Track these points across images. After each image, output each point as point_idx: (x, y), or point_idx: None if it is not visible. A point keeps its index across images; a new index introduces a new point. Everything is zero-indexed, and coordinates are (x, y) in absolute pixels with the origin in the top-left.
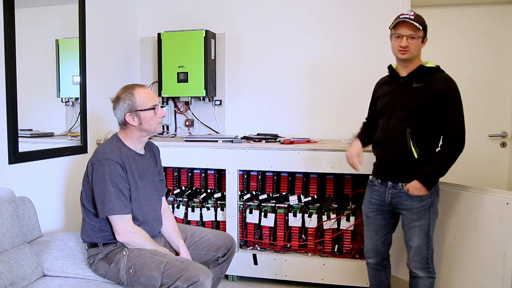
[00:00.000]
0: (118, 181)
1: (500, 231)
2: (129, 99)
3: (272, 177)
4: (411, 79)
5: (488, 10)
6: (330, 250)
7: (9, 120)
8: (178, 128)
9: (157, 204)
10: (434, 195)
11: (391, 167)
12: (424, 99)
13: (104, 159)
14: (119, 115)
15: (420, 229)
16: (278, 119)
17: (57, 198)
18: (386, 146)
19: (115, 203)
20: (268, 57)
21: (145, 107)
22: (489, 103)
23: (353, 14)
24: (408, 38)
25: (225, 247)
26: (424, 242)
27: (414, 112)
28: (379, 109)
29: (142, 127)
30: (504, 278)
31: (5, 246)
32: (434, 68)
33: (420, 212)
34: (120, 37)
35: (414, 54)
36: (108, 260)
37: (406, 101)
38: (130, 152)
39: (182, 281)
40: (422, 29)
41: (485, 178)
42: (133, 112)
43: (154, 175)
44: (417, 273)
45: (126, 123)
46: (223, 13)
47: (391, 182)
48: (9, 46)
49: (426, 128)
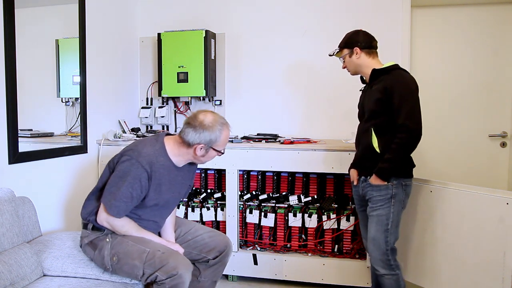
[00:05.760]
0: (135, 187)
1: (500, 231)
2: (215, 136)
3: (272, 177)
4: (371, 83)
5: (488, 10)
6: (330, 250)
7: (9, 120)
8: (178, 128)
9: (168, 214)
10: (398, 189)
11: (361, 162)
12: (377, 97)
13: (135, 159)
14: (192, 139)
15: (377, 219)
16: (278, 119)
17: (57, 198)
18: (357, 145)
19: (120, 204)
20: (268, 57)
21: (219, 148)
22: (489, 103)
23: (353, 14)
24: (342, 61)
25: (217, 250)
26: (381, 235)
27: (373, 112)
28: (358, 116)
29: (200, 159)
30: (504, 278)
31: (5, 246)
32: (387, 69)
33: (378, 202)
34: (120, 37)
35: (351, 68)
36: (94, 246)
37: (368, 103)
38: (168, 163)
39: (161, 273)
40: (342, 48)
41: (485, 178)
42: (208, 146)
43: (183, 188)
44: (378, 270)
45: (191, 147)
46: (223, 13)
47: (364, 176)
48: (9, 46)
49: (386, 124)
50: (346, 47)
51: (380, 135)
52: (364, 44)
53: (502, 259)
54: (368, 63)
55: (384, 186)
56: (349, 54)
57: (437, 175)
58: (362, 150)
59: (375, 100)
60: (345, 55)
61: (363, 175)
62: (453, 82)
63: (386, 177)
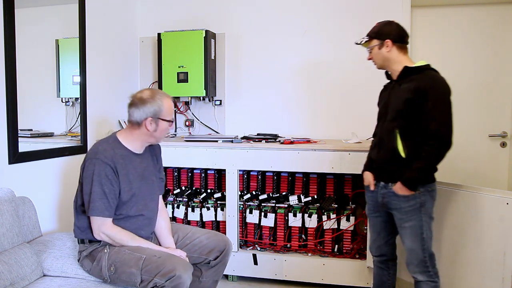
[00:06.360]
0: (104, 182)
1: (500, 231)
2: (158, 106)
3: (272, 177)
4: (400, 81)
5: (488, 10)
6: (330, 250)
7: (9, 120)
8: (178, 128)
9: (152, 204)
10: (426, 196)
11: (382, 167)
12: (407, 98)
13: (95, 158)
14: (139, 116)
15: (410, 230)
16: (278, 119)
17: (57, 198)
18: (378, 147)
19: (97, 204)
20: (268, 57)
21: (167, 118)
22: (489, 103)
23: (352, 14)
24: (369, 51)
25: (217, 250)
26: (418, 245)
27: (400, 112)
28: (378, 115)
29: (153, 134)
30: (504, 278)
31: (5, 246)
32: (421, 68)
33: (408, 213)
34: (120, 37)
35: (378, 62)
36: (92, 258)
37: (394, 103)
38: (126, 152)
39: (159, 277)
40: (372, 38)
41: (485, 178)
42: (155, 118)
43: (153, 174)
44: (416, 277)
45: (141, 125)
46: (223, 13)
47: (383, 182)
48: (9, 46)
49: (413, 127)
50: (377, 38)
51: (405, 139)
52: (397, 37)
53: (502, 259)
54: (398, 59)
55: (412, 195)
56: (379, 46)
57: (437, 175)
58: (385, 153)
59: (404, 100)
60: (374, 46)
61: (382, 181)
62: (453, 82)
63: (414, 187)
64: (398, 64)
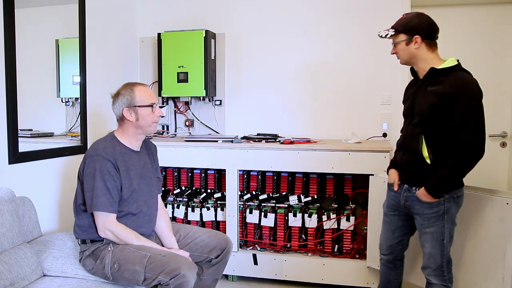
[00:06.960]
0: (106, 178)
1: (500, 231)
2: (129, 95)
3: (272, 177)
4: (426, 82)
5: (488, 10)
6: (330, 250)
7: (9, 120)
8: (178, 128)
9: (152, 201)
10: (450, 202)
11: (406, 170)
12: (432, 102)
13: (96, 155)
14: (117, 110)
15: (432, 236)
16: (278, 119)
17: (57, 198)
18: (403, 150)
19: (101, 199)
20: (268, 57)
21: (143, 103)
22: (489, 103)
23: (352, 14)
24: (394, 45)
25: (219, 249)
26: (437, 250)
27: (425, 117)
28: (403, 113)
29: (138, 124)
30: (504, 278)
31: (5, 246)
32: (447, 69)
33: (431, 219)
34: (120, 37)
35: (404, 58)
36: (95, 257)
37: (420, 106)
38: (125, 149)
39: (164, 275)
40: (399, 32)
41: (485, 178)
42: (131, 107)
43: (150, 172)
44: (430, 279)
45: (123, 118)
46: (223, 13)
47: (407, 185)
48: (9, 46)
49: (440, 133)
50: (405, 33)
51: (431, 144)
52: (428, 33)
53: (502, 259)
54: (427, 57)
55: (435, 202)
56: (407, 42)
57: None
58: (409, 156)
59: (430, 105)
60: (401, 41)
61: (406, 183)
62: None
63: (439, 195)
64: (426, 63)
